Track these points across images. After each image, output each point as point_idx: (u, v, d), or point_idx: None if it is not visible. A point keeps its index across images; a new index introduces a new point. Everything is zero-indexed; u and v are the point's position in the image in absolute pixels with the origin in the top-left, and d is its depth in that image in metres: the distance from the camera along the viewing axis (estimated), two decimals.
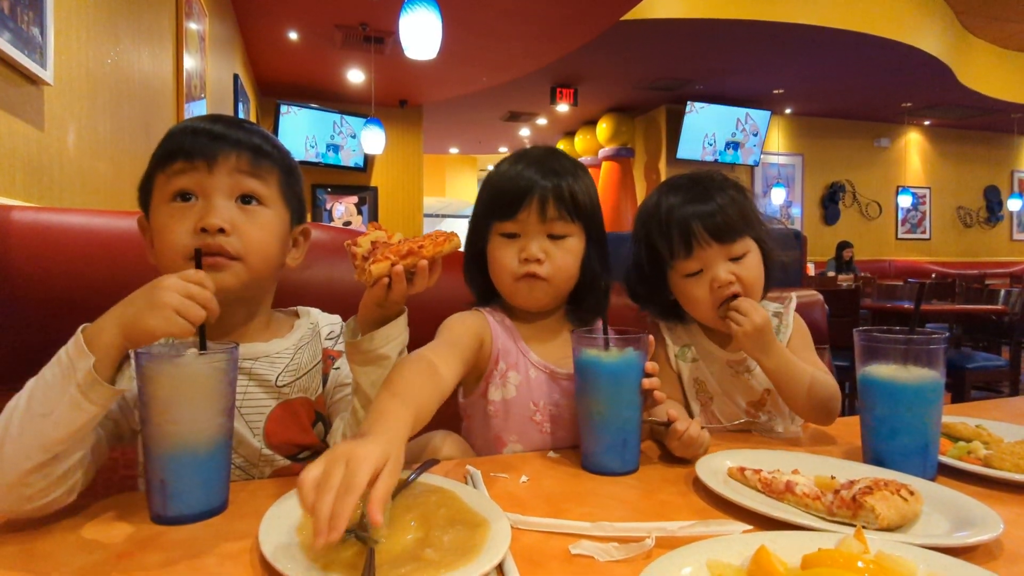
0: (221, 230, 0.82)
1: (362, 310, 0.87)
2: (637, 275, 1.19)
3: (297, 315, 1.02)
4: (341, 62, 7.06)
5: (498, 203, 1.01)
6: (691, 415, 1.17)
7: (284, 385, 0.92)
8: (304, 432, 0.92)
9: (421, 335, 0.94)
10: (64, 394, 0.66)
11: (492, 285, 1.06)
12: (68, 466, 0.69)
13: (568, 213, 0.99)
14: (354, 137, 8.12)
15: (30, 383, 0.69)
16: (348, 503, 0.55)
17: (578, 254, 1.02)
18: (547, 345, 1.06)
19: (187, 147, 0.84)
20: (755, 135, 9.21)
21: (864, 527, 0.68)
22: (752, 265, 1.10)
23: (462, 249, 1.00)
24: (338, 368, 0.98)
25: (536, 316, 1.07)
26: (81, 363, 0.66)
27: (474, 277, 1.09)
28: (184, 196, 0.84)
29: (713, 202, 1.08)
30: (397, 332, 0.87)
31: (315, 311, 1.04)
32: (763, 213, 1.16)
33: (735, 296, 1.08)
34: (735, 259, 1.09)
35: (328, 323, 1.02)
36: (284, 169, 0.92)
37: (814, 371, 1.07)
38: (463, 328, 1.00)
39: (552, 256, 0.99)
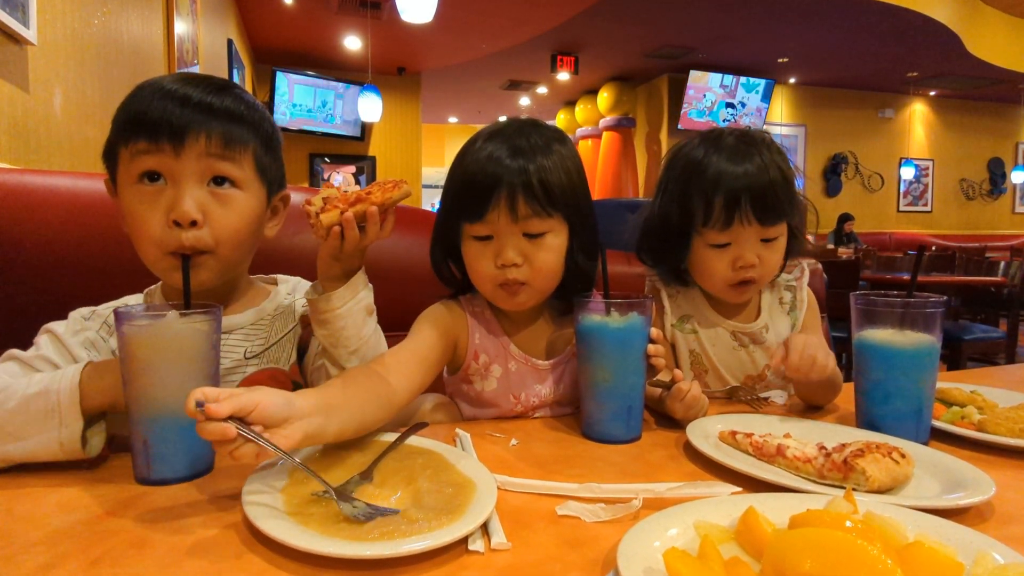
0: (193, 222, 0.80)
1: (320, 266, 0.85)
2: (659, 229, 1.11)
3: (276, 283, 1.00)
4: (337, 27, 6.93)
5: (465, 200, 0.91)
6: None
7: (252, 356, 0.91)
8: None
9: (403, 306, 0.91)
10: (42, 434, 0.70)
11: (469, 280, 0.99)
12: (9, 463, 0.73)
13: (542, 206, 0.89)
14: (352, 106, 8.00)
15: (7, 387, 0.72)
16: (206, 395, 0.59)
17: (560, 251, 0.94)
18: (529, 337, 1.02)
19: (152, 117, 0.78)
20: (744, 105, 9.08)
21: (855, 489, 0.67)
22: (778, 249, 1.06)
23: (433, 210, 0.95)
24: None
25: None
26: (71, 423, 0.71)
27: (446, 274, 1.01)
28: (151, 176, 0.81)
29: (766, 176, 1.00)
30: (353, 293, 0.85)
31: (294, 280, 1.01)
32: (799, 190, 1.08)
33: (751, 281, 1.05)
34: (765, 240, 1.04)
35: None
36: (262, 138, 0.87)
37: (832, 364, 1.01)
38: (435, 332, 0.95)
39: (531, 258, 0.91)
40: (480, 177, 0.89)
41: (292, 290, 0.99)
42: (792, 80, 9.61)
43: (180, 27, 3.34)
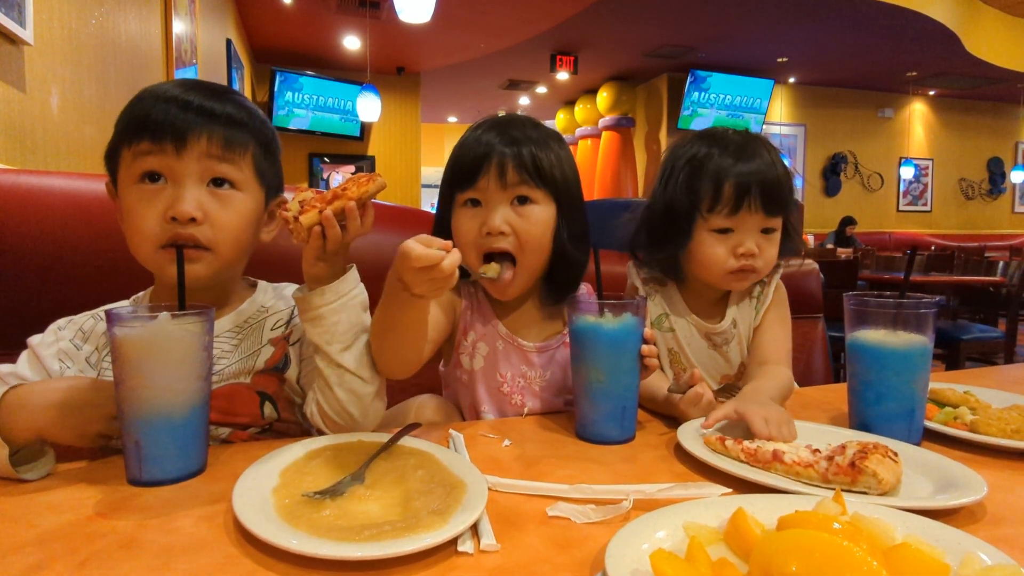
0: (192, 219, 0.80)
1: (305, 268, 0.84)
2: (663, 216, 1.11)
3: (254, 288, 0.97)
4: (336, 27, 6.93)
5: (458, 171, 0.96)
6: None
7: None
8: (238, 416, 0.88)
9: None
10: None
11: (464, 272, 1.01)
12: None
13: (530, 176, 0.93)
14: (351, 106, 8.00)
15: None
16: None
17: (547, 224, 0.96)
18: (517, 318, 1.05)
19: (155, 119, 0.80)
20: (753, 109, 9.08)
21: (865, 492, 0.67)
22: (776, 243, 1.09)
23: (432, 210, 0.96)
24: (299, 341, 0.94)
25: None
26: None
27: None
28: (152, 177, 0.81)
29: (774, 171, 1.05)
30: (349, 287, 0.84)
31: (271, 290, 0.98)
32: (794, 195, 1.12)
33: (751, 270, 1.07)
34: (766, 231, 1.07)
35: (289, 306, 0.96)
36: (261, 142, 0.88)
37: (783, 384, 1.05)
38: (436, 302, 0.99)
39: (517, 228, 0.94)
40: (475, 150, 0.95)
41: (268, 305, 0.95)
42: (792, 80, 9.60)
43: (178, 27, 3.34)
